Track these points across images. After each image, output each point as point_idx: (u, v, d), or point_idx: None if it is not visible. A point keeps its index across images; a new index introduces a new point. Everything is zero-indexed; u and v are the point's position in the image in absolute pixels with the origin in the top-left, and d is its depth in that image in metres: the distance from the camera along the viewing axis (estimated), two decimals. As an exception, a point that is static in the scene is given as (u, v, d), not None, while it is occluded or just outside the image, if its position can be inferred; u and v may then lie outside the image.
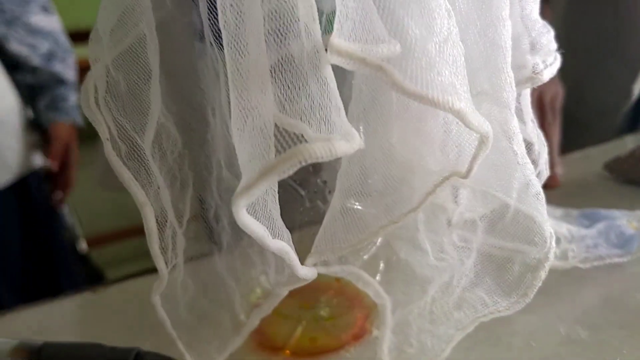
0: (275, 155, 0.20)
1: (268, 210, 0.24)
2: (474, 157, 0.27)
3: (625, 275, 0.45)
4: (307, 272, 0.27)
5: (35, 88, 0.95)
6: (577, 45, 0.90)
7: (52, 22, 0.96)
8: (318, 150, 0.20)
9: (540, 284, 0.31)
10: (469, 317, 0.32)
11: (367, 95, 0.30)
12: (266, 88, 0.21)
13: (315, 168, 0.34)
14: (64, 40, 0.98)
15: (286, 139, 0.22)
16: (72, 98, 0.98)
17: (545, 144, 0.35)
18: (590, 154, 0.68)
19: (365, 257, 0.37)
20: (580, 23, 0.91)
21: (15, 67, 0.92)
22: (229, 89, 0.23)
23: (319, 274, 0.39)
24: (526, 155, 0.30)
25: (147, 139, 0.28)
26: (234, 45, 0.21)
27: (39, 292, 0.95)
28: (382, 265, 0.38)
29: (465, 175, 0.28)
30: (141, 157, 0.28)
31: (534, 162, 0.34)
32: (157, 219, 0.29)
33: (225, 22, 0.22)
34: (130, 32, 0.26)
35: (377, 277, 0.38)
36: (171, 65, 0.30)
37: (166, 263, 0.30)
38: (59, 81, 0.96)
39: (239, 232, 0.31)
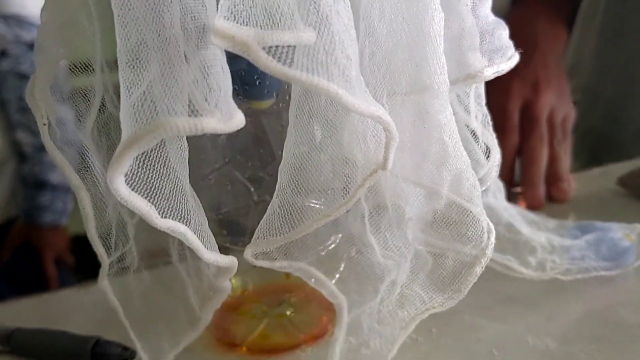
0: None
1: (158, 189, 0.24)
2: (386, 147, 0.26)
3: (615, 289, 0.42)
4: (215, 257, 0.28)
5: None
6: (613, 65, 0.87)
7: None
8: (181, 124, 0.20)
9: (475, 280, 0.30)
10: (410, 315, 0.32)
11: (301, 88, 0.30)
12: (149, 64, 0.22)
13: (263, 163, 0.34)
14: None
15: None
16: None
17: (498, 146, 0.34)
18: (609, 170, 0.65)
19: (323, 253, 0.37)
20: (615, 42, 0.88)
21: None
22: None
23: (291, 275, 0.39)
24: (460, 147, 0.29)
25: (86, 127, 0.29)
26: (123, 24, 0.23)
27: None
28: (342, 265, 0.38)
29: (384, 167, 0.27)
30: (77, 142, 0.29)
31: (479, 163, 0.33)
32: (96, 204, 0.30)
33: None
34: (76, 35, 0.28)
35: (337, 276, 0.38)
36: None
37: (108, 248, 0.32)
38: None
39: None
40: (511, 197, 0.50)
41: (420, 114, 0.29)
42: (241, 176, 0.34)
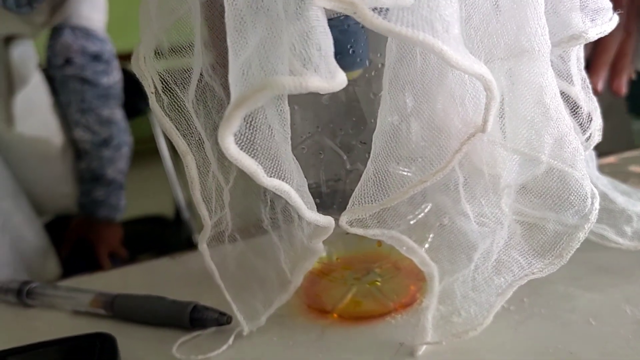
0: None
1: (264, 150, 0.25)
2: (486, 108, 0.26)
3: None
4: (315, 217, 0.28)
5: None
6: None
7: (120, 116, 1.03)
8: (287, 83, 0.21)
9: (577, 246, 0.29)
10: (507, 281, 0.31)
11: (395, 55, 0.30)
12: (255, 28, 0.23)
13: (355, 131, 0.35)
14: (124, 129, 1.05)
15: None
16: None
17: (598, 107, 0.33)
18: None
19: (412, 221, 0.37)
20: None
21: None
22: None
23: (376, 246, 0.39)
24: (562, 110, 0.29)
25: (189, 94, 0.30)
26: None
27: None
28: (431, 235, 0.38)
29: (483, 129, 0.27)
30: (182, 108, 0.30)
31: (582, 126, 0.32)
32: (199, 168, 0.31)
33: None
34: (172, 13, 0.29)
35: (426, 246, 0.38)
36: (219, 32, 0.32)
37: (209, 212, 0.33)
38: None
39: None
40: None
41: (520, 79, 0.29)
42: (333, 144, 0.35)
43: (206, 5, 0.31)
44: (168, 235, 1.38)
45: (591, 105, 0.33)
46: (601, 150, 0.41)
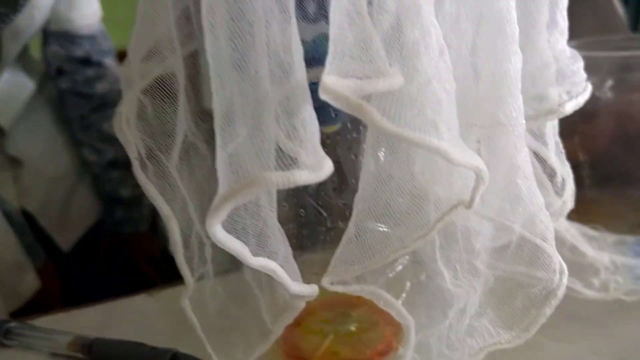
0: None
1: (251, 229, 0.25)
2: (474, 189, 0.27)
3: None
4: (301, 289, 0.29)
5: None
6: None
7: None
8: (275, 179, 0.21)
9: (544, 320, 0.31)
10: (479, 345, 0.32)
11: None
12: (243, 118, 0.23)
13: (336, 191, 0.35)
14: None
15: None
16: None
17: (571, 173, 0.34)
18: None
19: (391, 275, 0.38)
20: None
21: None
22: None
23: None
24: (534, 189, 0.30)
25: (172, 159, 0.31)
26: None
27: None
28: (408, 284, 0.39)
29: (469, 206, 0.28)
30: (166, 174, 0.30)
31: (557, 193, 0.33)
32: (182, 230, 0.32)
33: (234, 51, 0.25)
34: (159, 65, 0.29)
35: (403, 296, 0.39)
36: (201, 87, 0.33)
37: (192, 271, 0.33)
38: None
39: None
40: None
41: (496, 149, 0.30)
42: (315, 203, 0.35)
43: (189, 60, 0.32)
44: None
45: (564, 171, 0.34)
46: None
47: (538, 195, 0.29)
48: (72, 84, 0.93)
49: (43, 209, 0.94)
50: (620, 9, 0.69)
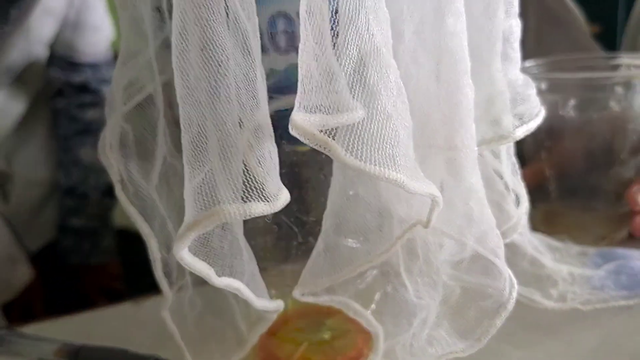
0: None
1: (218, 250, 0.28)
2: (430, 211, 0.29)
3: (634, 318, 0.45)
4: (266, 304, 0.31)
5: None
6: None
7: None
8: (233, 211, 0.24)
9: (495, 331, 0.33)
10: (438, 352, 0.35)
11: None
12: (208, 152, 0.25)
13: (307, 208, 0.38)
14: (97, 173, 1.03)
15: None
16: None
17: (526, 194, 0.37)
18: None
19: (362, 286, 0.40)
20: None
21: None
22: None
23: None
24: (487, 211, 0.32)
25: (152, 181, 0.33)
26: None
27: None
28: (378, 295, 0.41)
29: (426, 225, 0.31)
30: (146, 196, 0.33)
31: (508, 214, 0.36)
32: (162, 246, 0.34)
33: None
34: (139, 92, 0.31)
35: (373, 306, 0.41)
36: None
37: (170, 284, 0.35)
38: None
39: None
40: None
41: (454, 173, 0.32)
42: (287, 220, 0.38)
43: (167, 87, 0.34)
44: (133, 249, 1.37)
45: (520, 190, 0.37)
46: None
47: (489, 216, 0.32)
48: (66, 106, 0.95)
49: (16, 211, 0.96)
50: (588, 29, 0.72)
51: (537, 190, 0.56)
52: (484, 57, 0.34)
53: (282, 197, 0.26)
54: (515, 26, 0.36)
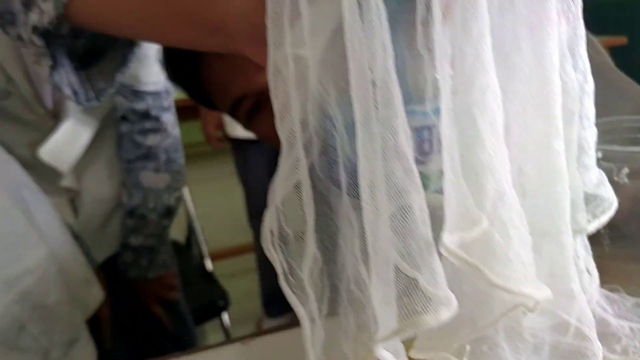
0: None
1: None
2: (536, 304, 0.37)
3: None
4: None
5: None
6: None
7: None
8: (428, 321, 0.32)
9: None
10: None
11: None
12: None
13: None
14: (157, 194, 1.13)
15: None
16: None
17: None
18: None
19: (455, 345, 0.48)
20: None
21: None
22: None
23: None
24: (580, 288, 0.40)
25: (305, 272, 0.41)
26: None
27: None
28: (468, 348, 0.49)
29: (531, 311, 0.38)
30: (302, 285, 0.40)
31: (585, 289, 0.44)
32: (310, 322, 0.42)
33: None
34: (290, 183, 0.39)
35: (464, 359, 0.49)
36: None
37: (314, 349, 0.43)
38: None
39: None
40: None
41: (553, 265, 0.40)
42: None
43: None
44: (180, 261, 1.46)
45: (591, 267, 0.45)
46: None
47: (583, 295, 0.40)
48: (130, 131, 1.03)
49: (84, 227, 1.06)
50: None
51: (590, 243, 0.64)
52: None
53: (454, 301, 0.33)
54: (590, 135, 0.43)
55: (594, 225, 0.41)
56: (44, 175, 0.99)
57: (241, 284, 2.07)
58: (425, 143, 0.43)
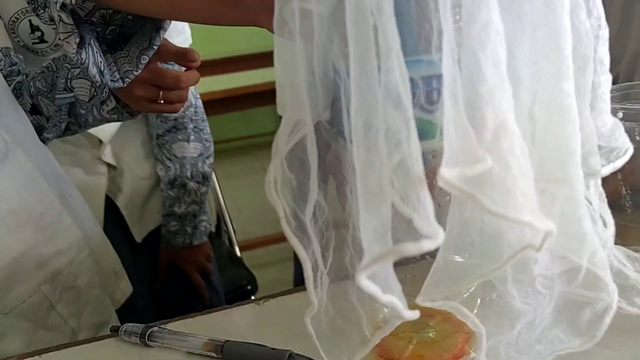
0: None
1: (384, 274, 0.35)
2: (543, 239, 0.36)
3: None
4: (411, 315, 0.38)
5: None
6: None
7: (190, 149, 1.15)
8: (410, 248, 0.31)
9: (606, 328, 0.40)
10: (548, 350, 0.42)
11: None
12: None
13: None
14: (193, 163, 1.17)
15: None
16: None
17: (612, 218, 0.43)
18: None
19: (466, 295, 0.47)
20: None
21: None
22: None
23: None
24: (592, 231, 0.39)
25: (307, 216, 0.41)
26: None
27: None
28: (479, 301, 0.48)
29: (537, 250, 0.37)
30: (304, 228, 0.40)
31: (599, 235, 0.42)
32: (312, 268, 0.42)
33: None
34: (296, 135, 0.39)
35: (475, 311, 0.48)
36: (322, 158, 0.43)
37: (316, 296, 0.43)
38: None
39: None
40: None
41: (564, 206, 0.39)
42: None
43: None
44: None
45: (607, 216, 0.43)
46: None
47: (595, 236, 0.38)
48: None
49: (127, 203, 1.11)
50: None
51: (611, 207, 0.62)
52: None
53: (441, 232, 0.33)
54: (605, 81, 0.42)
55: (607, 169, 0.40)
56: (84, 151, 1.05)
57: (269, 274, 2.08)
58: (434, 92, 0.42)
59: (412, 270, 0.48)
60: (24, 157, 0.73)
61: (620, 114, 0.57)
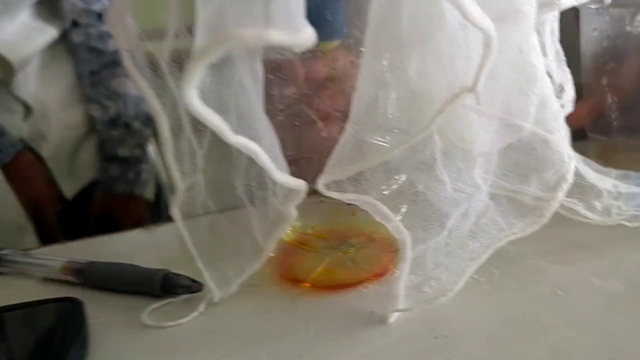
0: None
1: (235, 109, 0.25)
2: (480, 65, 0.26)
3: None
4: (286, 179, 0.28)
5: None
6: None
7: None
8: (247, 35, 0.21)
9: (557, 205, 0.30)
10: (483, 245, 0.32)
11: (379, 17, 0.30)
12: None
13: (332, 100, 0.35)
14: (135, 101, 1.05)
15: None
16: None
17: (570, 79, 0.34)
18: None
19: (386, 192, 0.37)
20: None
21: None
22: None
23: (351, 218, 0.40)
24: (545, 74, 0.29)
25: (164, 53, 0.30)
26: None
27: None
28: (404, 209, 0.38)
29: (472, 88, 0.27)
30: (157, 68, 0.30)
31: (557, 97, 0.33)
32: (173, 130, 0.31)
33: None
34: None
35: (399, 215, 0.38)
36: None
37: (182, 174, 0.33)
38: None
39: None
40: None
41: (503, 41, 0.29)
42: (310, 112, 0.35)
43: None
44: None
45: (564, 77, 0.33)
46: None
47: (548, 80, 0.29)
48: (86, 38, 0.94)
49: (54, 154, 0.97)
50: None
51: (596, 123, 0.52)
52: None
53: (306, 31, 0.23)
54: None
55: (568, 1, 0.30)
56: None
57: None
58: None
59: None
60: None
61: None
